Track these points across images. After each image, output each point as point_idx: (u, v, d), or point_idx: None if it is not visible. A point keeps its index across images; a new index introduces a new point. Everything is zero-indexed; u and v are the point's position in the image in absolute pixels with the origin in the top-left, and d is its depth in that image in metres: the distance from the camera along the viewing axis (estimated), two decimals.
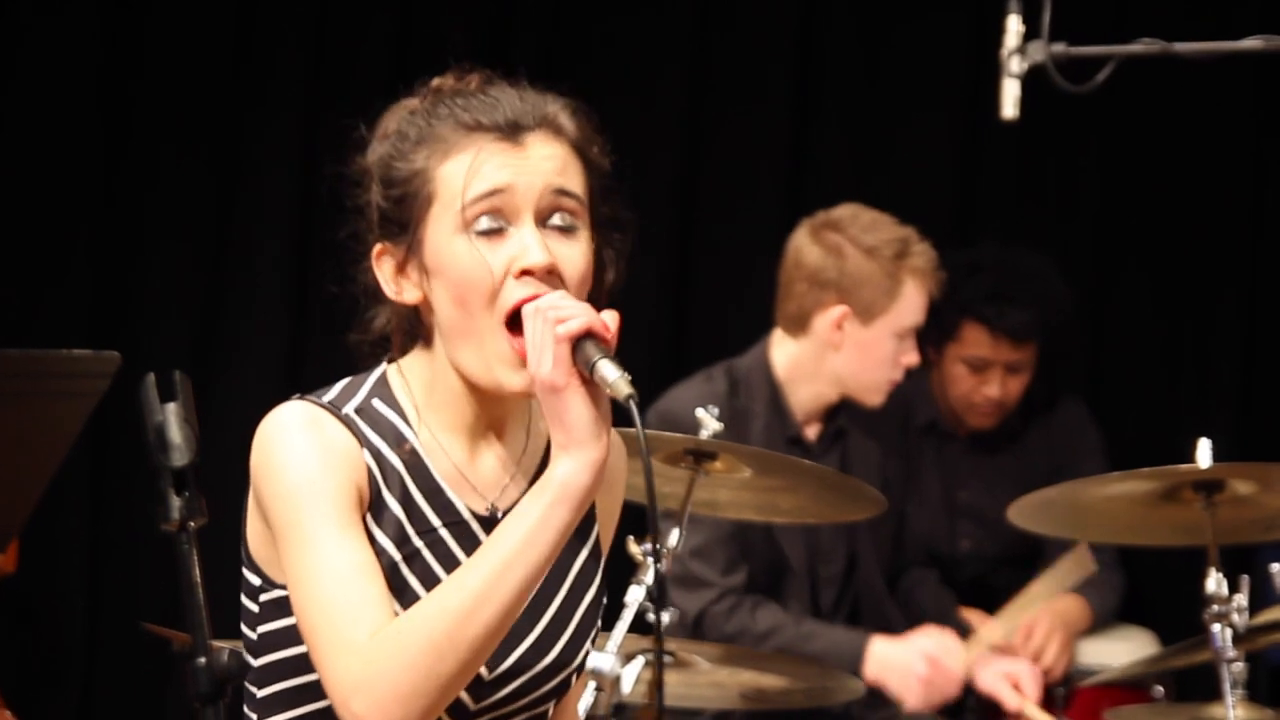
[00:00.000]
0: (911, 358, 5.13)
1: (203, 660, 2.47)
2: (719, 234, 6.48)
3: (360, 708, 2.53)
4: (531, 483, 2.71)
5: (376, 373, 2.76)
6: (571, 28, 6.48)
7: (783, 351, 5.15)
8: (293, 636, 2.67)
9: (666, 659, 4.46)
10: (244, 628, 2.75)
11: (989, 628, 5.19)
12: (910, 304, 5.08)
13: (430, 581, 2.67)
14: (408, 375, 2.75)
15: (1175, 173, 6.58)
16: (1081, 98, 4.50)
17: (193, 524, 2.50)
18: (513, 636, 2.69)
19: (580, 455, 2.56)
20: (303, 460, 2.63)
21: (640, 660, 4.41)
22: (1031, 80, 4.50)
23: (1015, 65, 4.48)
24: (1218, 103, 6.49)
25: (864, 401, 5.14)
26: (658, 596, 4.41)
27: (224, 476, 3.01)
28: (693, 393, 5.04)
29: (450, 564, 2.69)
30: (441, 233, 2.66)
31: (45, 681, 6.09)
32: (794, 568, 5.11)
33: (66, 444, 4.07)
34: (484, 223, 2.65)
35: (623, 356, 2.64)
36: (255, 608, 2.72)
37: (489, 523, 2.71)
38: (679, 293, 6.49)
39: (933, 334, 5.69)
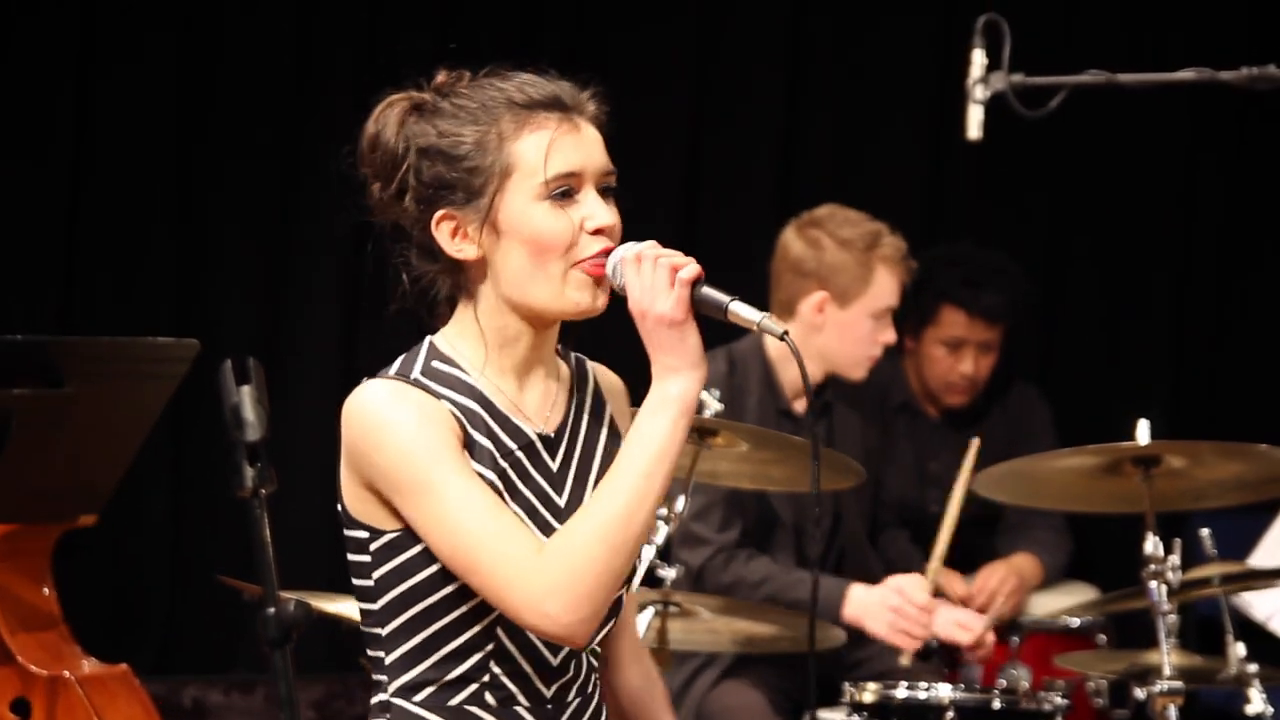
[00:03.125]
0: (888, 336, 5.11)
1: (272, 610, 2.47)
2: (718, 228, 6.49)
3: (557, 610, 2.64)
4: (568, 406, 2.84)
5: (424, 345, 2.82)
6: (590, 39, 6.49)
7: None
8: (409, 570, 2.73)
9: (672, 609, 4.47)
10: (356, 580, 2.79)
11: (932, 561, 5.16)
12: (882, 288, 5.08)
13: (516, 495, 2.76)
14: (453, 337, 2.82)
15: (1118, 184, 6.59)
16: (1036, 121, 4.51)
17: (264, 491, 2.50)
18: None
19: (694, 375, 2.70)
20: (406, 425, 2.69)
21: (650, 610, 4.44)
22: (993, 105, 4.51)
23: (979, 92, 4.49)
24: (1156, 124, 6.51)
25: (848, 376, 5.14)
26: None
27: (288, 449, 3.02)
28: None
29: (527, 479, 2.78)
30: (520, 199, 2.75)
31: (132, 626, 6.11)
32: (784, 524, 5.12)
33: (151, 420, 4.09)
34: (559, 191, 2.75)
35: (629, 340, 2.70)
36: (367, 557, 2.77)
37: (549, 441, 2.82)
38: None
39: (911, 322, 5.73)
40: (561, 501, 2.80)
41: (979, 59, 4.49)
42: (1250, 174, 6.57)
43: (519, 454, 2.78)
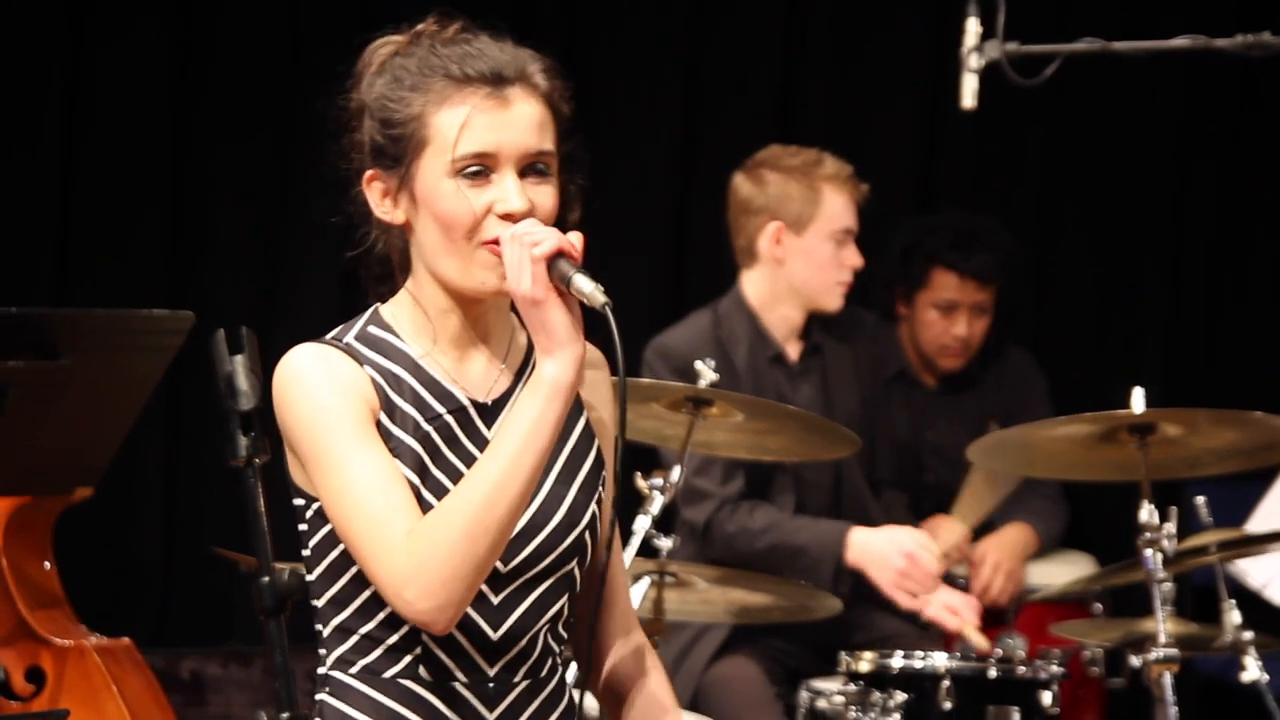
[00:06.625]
0: (853, 259, 5.11)
1: (266, 579, 2.48)
2: (714, 204, 6.47)
3: (412, 596, 2.58)
4: (517, 378, 2.77)
5: (369, 311, 2.81)
6: (586, 31, 6.48)
7: (750, 284, 5.18)
8: (335, 539, 2.69)
9: (669, 579, 4.48)
10: (303, 552, 2.77)
11: (948, 529, 5.17)
12: (834, 208, 5.08)
13: (439, 460, 2.71)
14: (397, 307, 2.79)
15: (1112, 153, 6.58)
16: (1031, 89, 4.51)
17: (257, 460, 2.51)
18: None
19: (563, 355, 2.62)
20: (315, 391, 2.66)
21: (646, 580, 4.44)
22: (987, 74, 4.51)
23: (973, 61, 4.49)
24: (1150, 92, 6.50)
25: (823, 307, 5.14)
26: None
27: None
28: (683, 330, 5.10)
29: (455, 445, 2.72)
30: (432, 173, 2.71)
31: (128, 598, 6.11)
32: (785, 469, 5.11)
33: (147, 392, 4.09)
34: (471, 170, 2.69)
35: (632, 308, 2.67)
36: (305, 526, 2.74)
37: (484, 409, 2.75)
38: (679, 253, 6.51)
39: (903, 288, 5.75)
40: None
41: (973, 27, 4.49)
42: (1245, 142, 6.57)
43: (447, 418, 2.72)
